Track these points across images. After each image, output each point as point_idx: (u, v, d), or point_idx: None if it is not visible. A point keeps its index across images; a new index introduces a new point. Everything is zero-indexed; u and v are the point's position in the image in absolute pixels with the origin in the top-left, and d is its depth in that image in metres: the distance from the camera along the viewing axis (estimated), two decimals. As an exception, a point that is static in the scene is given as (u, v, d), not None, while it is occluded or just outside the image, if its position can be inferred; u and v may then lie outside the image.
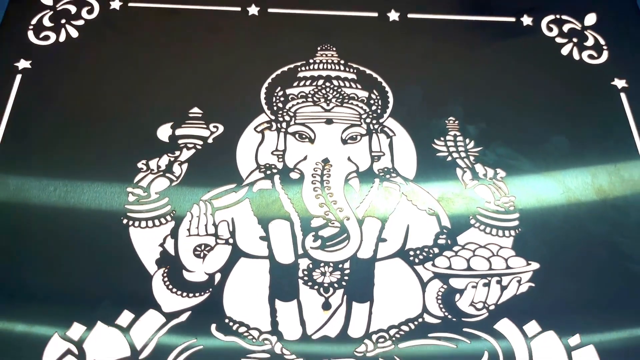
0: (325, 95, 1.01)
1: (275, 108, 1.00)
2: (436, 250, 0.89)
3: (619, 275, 0.89)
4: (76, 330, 0.80)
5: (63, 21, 1.08)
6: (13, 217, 0.89)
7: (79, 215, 0.89)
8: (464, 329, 0.83)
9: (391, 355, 0.80)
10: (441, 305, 0.85)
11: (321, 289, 0.85)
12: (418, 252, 0.88)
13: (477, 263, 0.88)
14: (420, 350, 0.81)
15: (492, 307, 0.85)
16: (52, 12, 1.09)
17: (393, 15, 1.13)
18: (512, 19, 1.15)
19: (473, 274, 0.87)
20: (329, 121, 0.99)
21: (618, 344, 0.84)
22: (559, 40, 1.13)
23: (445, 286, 0.86)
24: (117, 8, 1.11)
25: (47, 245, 0.86)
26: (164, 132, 0.97)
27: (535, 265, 0.88)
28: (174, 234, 0.88)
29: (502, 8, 1.16)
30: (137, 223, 0.88)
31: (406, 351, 0.81)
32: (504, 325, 0.84)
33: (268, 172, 0.94)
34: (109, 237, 0.87)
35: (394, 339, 0.82)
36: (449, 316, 0.84)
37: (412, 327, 0.83)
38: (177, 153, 0.95)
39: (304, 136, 0.98)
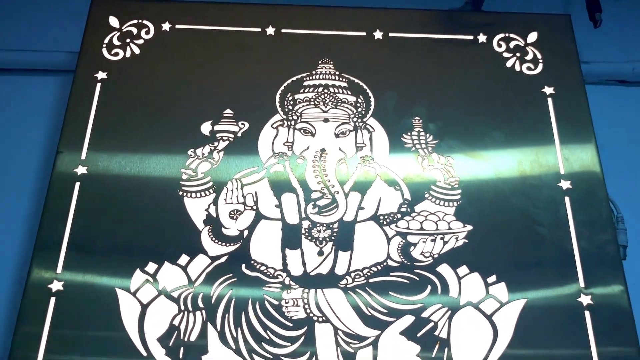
0: (324, 100, 1.37)
1: (286, 110, 1.36)
2: (399, 215, 1.25)
3: (529, 235, 1.25)
4: (151, 267, 1.19)
5: (128, 40, 1.43)
6: (103, 187, 1.26)
7: (149, 188, 1.26)
8: (415, 270, 1.20)
9: (363, 286, 1.18)
10: (400, 254, 1.22)
11: (317, 242, 1.22)
12: (386, 216, 1.25)
13: (427, 225, 1.24)
14: (384, 283, 1.19)
15: (435, 256, 1.22)
16: (119, 33, 1.44)
17: (378, 34, 1.47)
18: (471, 37, 1.48)
19: (424, 232, 1.23)
20: (326, 120, 1.35)
21: (522, 281, 1.20)
22: (505, 54, 1.46)
23: (403, 241, 1.23)
24: (167, 29, 1.45)
25: (127, 209, 1.24)
26: (206, 128, 1.33)
27: (469, 227, 1.25)
28: (215, 202, 1.25)
29: (463, 28, 1.49)
30: (189, 194, 1.26)
31: (374, 284, 1.19)
32: (444, 268, 1.21)
33: (281, 158, 1.31)
34: (171, 205, 1.24)
35: (366, 275, 1.19)
36: (405, 261, 1.21)
37: (379, 268, 1.20)
38: (216, 144, 1.32)
39: (307, 131, 1.33)
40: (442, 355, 1.13)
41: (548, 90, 1.41)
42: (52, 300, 1.15)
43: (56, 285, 1.16)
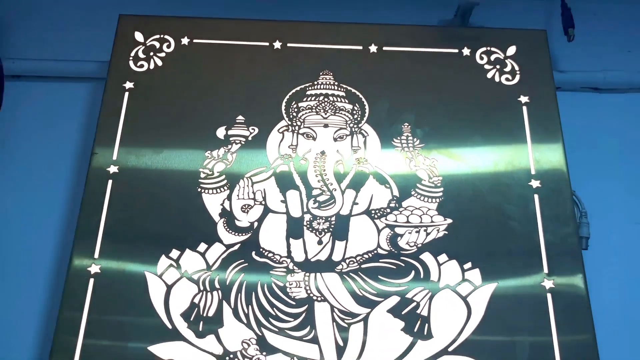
0: (324, 108, 1.55)
1: (291, 116, 1.55)
2: (388, 210, 1.44)
3: (502, 228, 1.44)
4: (174, 253, 1.38)
5: (151, 53, 1.62)
6: (132, 184, 1.45)
7: (171, 185, 1.45)
8: (401, 258, 1.39)
9: (356, 271, 1.37)
10: (388, 243, 1.41)
11: (317, 232, 1.42)
12: (377, 211, 1.44)
13: (413, 218, 1.43)
14: (374, 269, 1.38)
15: (419, 245, 1.41)
16: (143, 47, 1.63)
17: (373, 48, 1.65)
18: (456, 50, 1.66)
19: (410, 225, 1.42)
20: (326, 125, 1.53)
21: (494, 267, 1.39)
22: (486, 67, 1.64)
23: (392, 232, 1.42)
24: (186, 43, 1.64)
25: (153, 203, 1.44)
26: (220, 132, 1.52)
27: (449, 221, 1.43)
28: (229, 197, 1.45)
29: (449, 42, 1.67)
30: (206, 191, 1.45)
31: (365, 269, 1.38)
32: (426, 256, 1.40)
33: (286, 159, 1.49)
34: (191, 200, 1.44)
35: (359, 262, 1.39)
36: (393, 250, 1.40)
37: (370, 255, 1.39)
38: (229, 146, 1.51)
39: (309, 136, 1.52)
40: (423, 330, 1.32)
41: (523, 99, 1.59)
42: (91, 281, 1.35)
43: (94, 269, 1.36)
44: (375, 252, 1.40)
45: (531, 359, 1.30)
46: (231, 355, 1.28)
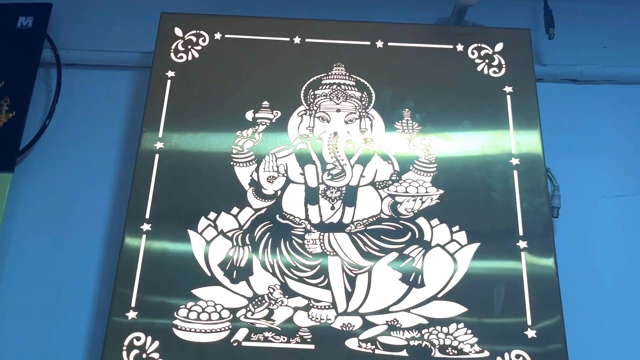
0: (337, 95, 1.82)
1: (308, 102, 1.82)
2: (390, 182, 1.71)
3: (485, 198, 1.70)
4: (212, 215, 1.66)
5: (189, 47, 1.89)
6: (176, 158, 1.73)
7: (209, 159, 1.73)
8: (400, 221, 1.67)
9: (362, 231, 1.65)
10: (390, 210, 1.68)
11: (330, 200, 1.69)
12: (380, 183, 1.71)
13: (410, 189, 1.70)
14: (377, 230, 1.66)
15: (415, 211, 1.68)
16: (182, 41, 1.90)
17: (379, 44, 1.91)
18: (451, 46, 1.91)
19: (408, 194, 1.70)
20: (338, 110, 1.80)
21: (478, 230, 1.66)
22: (477, 61, 1.89)
23: (392, 200, 1.69)
24: (219, 38, 1.90)
25: (193, 174, 1.71)
26: (249, 115, 1.79)
27: (441, 191, 1.70)
28: (256, 170, 1.72)
29: (445, 39, 1.92)
30: (238, 164, 1.73)
31: (370, 230, 1.66)
32: (421, 220, 1.67)
33: (304, 138, 1.77)
34: (225, 171, 1.71)
35: (364, 224, 1.66)
36: (393, 215, 1.68)
37: (374, 219, 1.67)
38: (257, 127, 1.78)
39: (324, 119, 1.79)
40: (417, 280, 1.60)
41: (508, 89, 1.85)
42: (143, 237, 1.64)
43: (146, 227, 1.65)
44: (378, 216, 1.68)
45: (505, 303, 1.58)
46: (259, 298, 1.57)
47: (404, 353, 1.52)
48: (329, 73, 1.86)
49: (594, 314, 1.73)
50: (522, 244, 1.65)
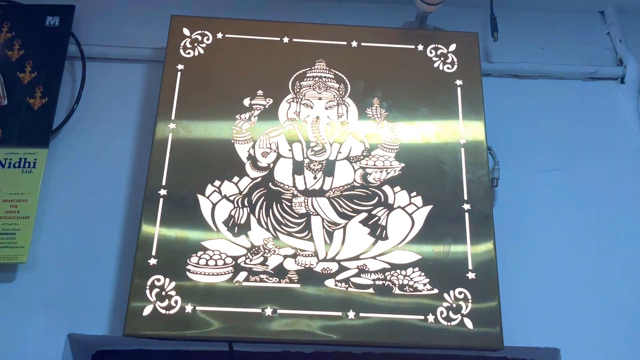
0: (319, 86, 2.20)
1: (295, 91, 2.20)
2: (361, 157, 2.10)
3: (438, 170, 2.08)
4: (217, 183, 2.02)
5: (195, 44, 2.25)
6: (186, 137, 2.09)
7: (213, 137, 2.10)
8: (369, 188, 2.06)
9: (339, 196, 2.05)
10: (361, 179, 2.08)
11: (313, 171, 2.08)
12: (354, 158, 2.10)
13: (378, 163, 2.10)
14: (351, 195, 2.05)
15: (382, 181, 2.07)
16: (189, 39, 2.26)
17: (354, 44, 2.29)
18: (413, 46, 2.31)
19: (376, 167, 2.09)
20: (320, 98, 2.19)
21: (431, 195, 2.05)
22: (434, 59, 2.29)
23: (363, 171, 2.09)
24: (221, 37, 2.27)
25: (201, 149, 2.08)
26: (246, 102, 2.17)
27: (402, 164, 2.10)
28: (253, 147, 2.10)
29: (409, 40, 2.31)
30: (237, 142, 2.10)
31: (345, 195, 2.05)
32: (386, 188, 2.05)
33: (292, 121, 2.15)
34: (227, 148, 2.08)
35: (341, 190, 2.06)
36: (364, 183, 2.07)
37: (348, 186, 2.06)
38: (253, 112, 2.15)
39: (308, 105, 2.18)
40: (382, 234, 2.00)
41: (459, 82, 2.24)
42: (161, 200, 2.01)
43: (162, 192, 2.02)
44: (352, 184, 2.07)
45: (452, 253, 1.99)
46: (256, 248, 1.96)
47: (370, 290, 1.93)
48: (312, 67, 2.24)
49: (525, 261, 2.12)
50: (467, 207, 2.05)
